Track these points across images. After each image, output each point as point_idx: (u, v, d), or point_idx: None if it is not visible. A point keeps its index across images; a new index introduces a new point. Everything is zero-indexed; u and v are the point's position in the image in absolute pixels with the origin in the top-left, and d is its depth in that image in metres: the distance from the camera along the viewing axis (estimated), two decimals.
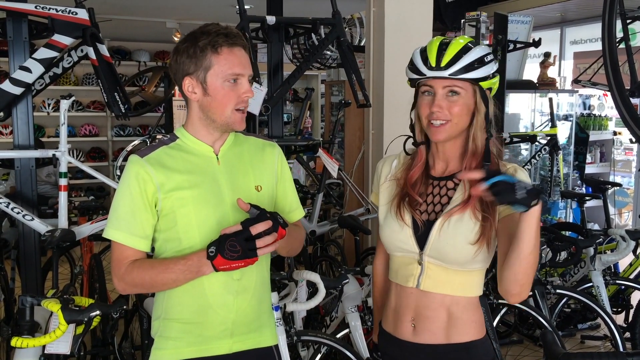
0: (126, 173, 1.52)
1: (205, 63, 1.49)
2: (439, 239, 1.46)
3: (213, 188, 1.55)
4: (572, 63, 6.37)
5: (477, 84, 1.45)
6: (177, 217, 1.52)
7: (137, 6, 5.57)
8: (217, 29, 1.50)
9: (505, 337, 3.82)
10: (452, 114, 1.45)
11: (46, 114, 7.11)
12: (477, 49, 1.45)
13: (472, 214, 1.44)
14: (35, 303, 2.03)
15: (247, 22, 3.15)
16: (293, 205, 1.71)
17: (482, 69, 1.44)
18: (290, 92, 8.06)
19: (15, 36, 2.97)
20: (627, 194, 5.97)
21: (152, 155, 1.54)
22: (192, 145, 1.57)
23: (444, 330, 1.48)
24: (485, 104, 1.47)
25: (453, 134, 1.47)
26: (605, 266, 3.40)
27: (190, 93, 1.53)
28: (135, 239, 1.51)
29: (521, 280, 1.36)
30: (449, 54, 1.43)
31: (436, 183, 1.53)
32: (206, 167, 1.56)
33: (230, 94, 1.51)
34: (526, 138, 4.67)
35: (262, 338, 1.64)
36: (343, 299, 2.68)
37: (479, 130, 1.47)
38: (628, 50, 3.08)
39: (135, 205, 1.51)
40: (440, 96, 1.45)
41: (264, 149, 1.67)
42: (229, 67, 1.49)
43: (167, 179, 1.51)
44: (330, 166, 3.61)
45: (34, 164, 3.04)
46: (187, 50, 1.50)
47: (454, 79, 1.43)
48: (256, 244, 1.38)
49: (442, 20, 5.34)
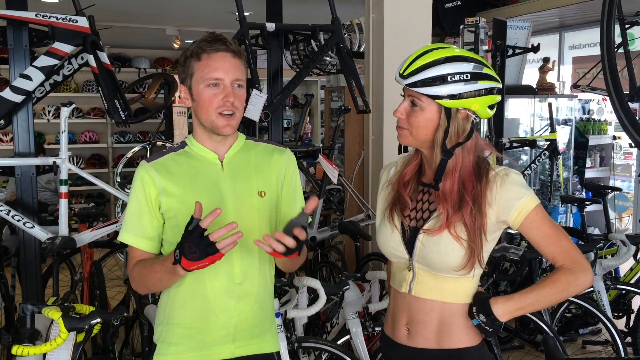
0: (135, 178, 1.59)
1: (190, 70, 1.55)
2: (424, 248, 1.47)
3: (216, 194, 1.57)
4: (571, 68, 6.38)
5: (435, 101, 1.40)
6: (180, 222, 1.52)
7: (137, 13, 5.59)
8: (206, 37, 1.55)
9: (507, 342, 3.82)
10: (410, 124, 1.45)
11: (46, 121, 7.12)
12: (447, 65, 1.38)
13: (453, 237, 1.42)
14: (36, 311, 2.04)
15: (247, 29, 3.16)
16: (297, 211, 1.69)
17: (440, 87, 1.37)
18: (290, 98, 8.07)
19: (15, 44, 2.98)
20: (627, 199, 5.97)
21: (159, 160, 1.60)
22: (198, 151, 1.61)
23: (435, 335, 1.49)
24: (447, 122, 1.40)
25: (413, 142, 1.48)
26: (606, 271, 3.39)
27: (184, 100, 1.60)
28: (140, 239, 1.57)
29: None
30: (416, 64, 1.40)
31: (425, 190, 1.53)
32: (210, 173, 1.59)
33: (212, 98, 1.53)
34: (526, 143, 4.68)
35: (264, 344, 1.65)
36: (344, 305, 2.68)
37: (437, 148, 1.44)
38: (627, 55, 3.09)
39: (140, 208, 1.56)
40: (405, 104, 1.46)
41: (272, 154, 1.68)
42: (208, 71, 1.52)
43: (169, 183, 1.55)
44: (330, 172, 3.62)
45: (35, 172, 3.05)
46: (180, 60, 1.60)
47: (412, 91, 1.41)
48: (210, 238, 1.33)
49: (441, 25, 5.35)
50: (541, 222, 1.44)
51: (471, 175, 1.44)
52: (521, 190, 1.43)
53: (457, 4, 5.43)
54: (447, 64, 1.39)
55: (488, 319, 1.43)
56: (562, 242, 1.45)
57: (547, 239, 1.45)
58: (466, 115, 1.43)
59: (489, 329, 1.44)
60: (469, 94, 1.39)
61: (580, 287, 1.43)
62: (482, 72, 1.40)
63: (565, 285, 1.42)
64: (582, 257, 1.44)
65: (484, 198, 1.43)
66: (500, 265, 3.44)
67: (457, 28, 4.47)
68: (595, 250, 3.37)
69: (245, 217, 1.58)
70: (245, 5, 3.26)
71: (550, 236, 1.45)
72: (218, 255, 1.36)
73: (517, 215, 1.43)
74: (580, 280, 1.42)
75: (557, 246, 1.44)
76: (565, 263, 1.44)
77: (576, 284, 1.42)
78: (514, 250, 3.08)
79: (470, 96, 1.40)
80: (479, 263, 1.44)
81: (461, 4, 5.42)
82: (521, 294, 1.44)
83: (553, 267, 3.53)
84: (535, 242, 1.46)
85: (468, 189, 1.43)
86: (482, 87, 1.40)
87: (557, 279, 1.43)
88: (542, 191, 5.21)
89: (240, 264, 1.58)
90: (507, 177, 1.44)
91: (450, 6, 5.41)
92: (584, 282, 1.43)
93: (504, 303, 1.43)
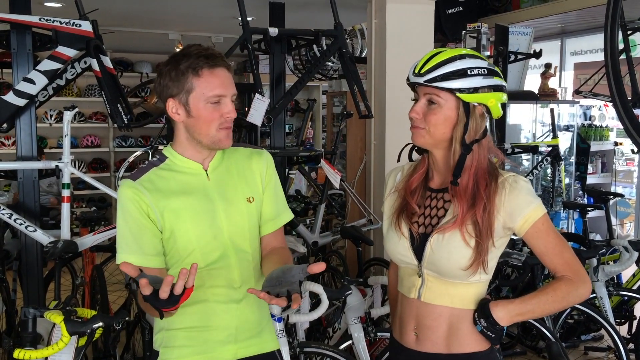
0: (121, 198, 1.53)
1: (187, 86, 1.50)
2: (434, 254, 1.47)
3: (206, 204, 1.57)
4: (573, 74, 6.39)
5: (456, 95, 1.42)
6: (177, 237, 1.53)
7: (139, 18, 5.61)
8: (198, 51, 1.51)
9: (509, 348, 3.81)
10: (427, 122, 1.45)
11: (48, 125, 7.13)
12: (464, 60, 1.42)
13: (463, 237, 1.43)
14: (38, 315, 2.03)
15: (250, 34, 3.17)
16: (279, 210, 1.71)
17: (461, 80, 1.40)
18: (292, 103, 8.08)
19: (19, 48, 2.99)
20: (629, 205, 5.95)
21: (144, 177, 1.56)
22: (182, 164, 1.59)
23: (444, 340, 1.49)
24: (466, 117, 1.43)
25: (430, 141, 1.48)
26: (609, 277, 3.38)
27: (174, 114, 1.54)
28: (148, 257, 1.52)
29: None
30: (432, 62, 1.43)
31: (434, 195, 1.53)
32: (197, 184, 1.58)
33: (214, 114, 1.52)
34: (528, 149, 4.68)
35: (264, 343, 1.67)
36: (346, 310, 2.67)
37: (457, 143, 1.45)
38: (629, 61, 3.09)
39: (139, 226, 1.52)
40: (421, 103, 1.47)
41: (251, 157, 1.68)
42: (210, 89, 1.50)
43: (160, 200, 1.53)
44: (332, 177, 3.61)
45: (37, 175, 3.05)
46: (169, 73, 1.52)
47: (432, 87, 1.42)
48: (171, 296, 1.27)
49: (443, 31, 5.36)
50: (546, 232, 1.45)
51: (485, 174, 1.46)
52: (529, 198, 1.44)
53: (458, 9, 5.44)
54: (464, 60, 1.42)
55: (488, 322, 1.44)
56: (565, 254, 1.46)
57: (551, 250, 1.46)
58: (482, 112, 1.45)
59: (491, 334, 1.44)
60: (487, 89, 1.43)
61: (579, 298, 1.46)
62: (494, 69, 1.45)
63: (565, 294, 1.44)
64: (582, 269, 1.46)
65: (493, 203, 1.44)
66: (502, 270, 3.43)
67: (459, 34, 4.49)
68: (598, 256, 3.36)
69: (237, 223, 1.60)
70: (248, 10, 3.27)
71: (554, 247, 1.46)
72: (187, 294, 1.29)
73: (524, 224, 1.44)
74: (579, 291, 1.44)
75: (560, 257, 1.46)
76: (567, 274, 1.45)
77: (575, 294, 1.44)
78: (516, 255, 3.07)
79: (487, 91, 1.43)
80: (484, 266, 1.44)
81: (463, 9, 5.44)
82: (522, 299, 1.46)
83: None
84: (538, 251, 1.47)
85: (482, 187, 1.44)
86: (497, 83, 1.44)
87: (558, 287, 1.44)
88: (543, 197, 5.20)
89: (239, 269, 1.60)
90: (516, 184, 1.45)
91: (452, 12, 5.42)
92: (583, 294, 1.45)
93: (504, 307, 1.44)
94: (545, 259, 1.47)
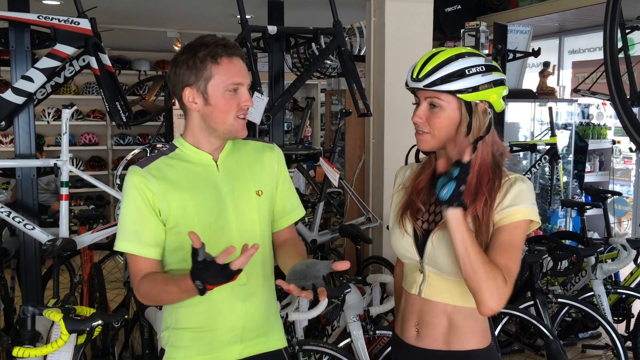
0: (127, 185, 1.53)
1: (205, 74, 1.50)
2: (434, 250, 1.48)
3: (214, 196, 1.56)
4: (571, 72, 6.39)
5: (457, 96, 1.41)
6: (181, 227, 1.52)
7: (138, 16, 5.60)
8: (215, 40, 1.52)
9: (507, 346, 3.81)
10: (432, 126, 1.45)
11: (46, 122, 7.12)
12: (461, 60, 1.42)
13: None
14: (37, 313, 2.03)
15: (249, 32, 3.16)
16: (294, 205, 1.73)
17: (461, 81, 1.40)
18: (291, 102, 8.08)
19: (17, 46, 2.98)
20: (627, 203, 5.97)
21: (152, 165, 1.55)
22: (192, 154, 1.59)
23: (444, 336, 1.51)
24: (469, 116, 1.43)
25: (435, 144, 1.48)
26: (607, 275, 3.39)
27: (191, 103, 1.54)
28: (145, 247, 1.51)
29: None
30: (429, 65, 1.43)
31: None
32: (206, 175, 1.58)
33: (231, 102, 1.52)
34: (526, 147, 4.68)
35: (270, 342, 1.66)
36: (345, 308, 2.68)
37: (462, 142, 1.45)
38: (627, 59, 3.10)
39: (141, 215, 1.51)
40: (423, 107, 1.46)
41: (263, 152, 1.69)
42: (229, 77, 1.51)
43: (168, 189, 1.52)
44: (331, 175, 3.62)
45: (35, 173, 3.05)
46: (186, 61, 1.51)
47: (432, 91, 1.43)
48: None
49: (442, 30, 5.36)
50: (513, 234, 1.41)
51: (488, 169, 1.46)
52: (522, 198, 1.43)
53: (457, 8, 5.44)
54: (461, 60, 1.42)
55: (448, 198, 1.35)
56: (510, 260, 1.38)
57: (502, 249, 1.40)
58: (484, 108, 1.45)
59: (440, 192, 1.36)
60: (487, 86, 1.43)
61: (487, 284, 1.33)
62: (492, 64, 1.45)
63: (487, 267, 1.34)
64: (512, 279, 1.38)
65: (494, 199, 1.45)
66: None
67: (458, 32, 4.48)
68: (596, 254, 3.37)
69: (246, 216, 1.59)
70: (247, 8, 3.27)
71: (507, 249, 1.40)
72: (235, 277, 1.33)
73: (504, 218, 1.42)
74: (496, 282, 1.33)
75: (505, 259, 1.38)
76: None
77: (491, 279, 1.33)
78: None
79: (487, 87, 1.43)
80: None
81: (461, 8, 5.44)
82: (471, 234, 1.37)
83: (553, 270, 3.51)
84: (493, 242, 1.41)
85: (484, 182, 1.44)
86: (496, 78, 1.44)
87: (490, 261, 1.36)
88: (542, 195, 5.21)
89: None
90: (516, 184, 1.45)
91: (450, 10, 5.43)
92: (493, 289, 1.33)
93: (460, 216, 1.36)
94: (490, 252, 1.40)
